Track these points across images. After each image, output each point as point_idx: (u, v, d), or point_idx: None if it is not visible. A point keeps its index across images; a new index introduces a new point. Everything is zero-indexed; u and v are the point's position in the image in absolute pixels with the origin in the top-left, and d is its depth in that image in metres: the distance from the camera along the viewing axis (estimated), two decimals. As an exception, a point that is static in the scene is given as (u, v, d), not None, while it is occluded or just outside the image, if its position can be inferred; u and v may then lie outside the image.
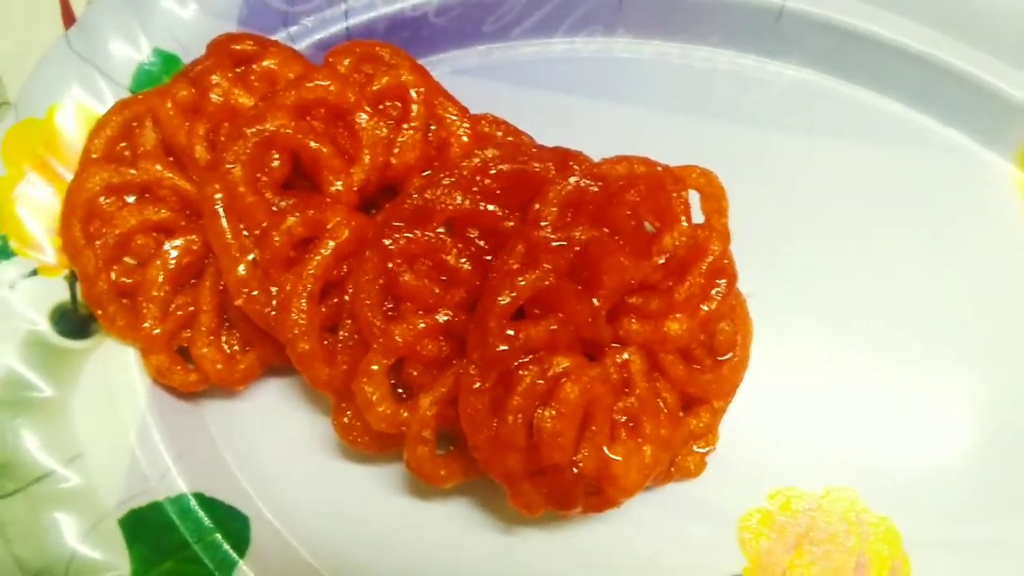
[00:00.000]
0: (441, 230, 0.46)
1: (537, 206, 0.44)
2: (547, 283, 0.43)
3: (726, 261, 0.48)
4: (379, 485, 0.50)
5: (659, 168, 0.47)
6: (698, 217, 0.49)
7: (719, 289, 0.48)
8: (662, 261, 0.46)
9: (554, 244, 0.43)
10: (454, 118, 0.50)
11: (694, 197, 0.49)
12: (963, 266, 0.55)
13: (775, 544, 0.49)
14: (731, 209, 0.50)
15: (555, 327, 0.44)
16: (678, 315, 0.47)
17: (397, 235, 0.45)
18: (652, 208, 0.47)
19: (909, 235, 0.56)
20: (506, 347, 0.43)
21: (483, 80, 0.57)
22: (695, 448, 0.49)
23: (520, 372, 0.43)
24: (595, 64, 0.58)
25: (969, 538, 0.50)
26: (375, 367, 0.45)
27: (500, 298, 0.43)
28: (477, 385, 0.43)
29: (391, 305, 0.46)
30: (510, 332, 0.43)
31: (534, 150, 0.48)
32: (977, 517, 0.50)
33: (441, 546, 0.49)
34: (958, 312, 0.54)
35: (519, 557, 0.49)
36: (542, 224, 0.44)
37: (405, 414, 0.45)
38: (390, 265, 0.45)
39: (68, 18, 0.58)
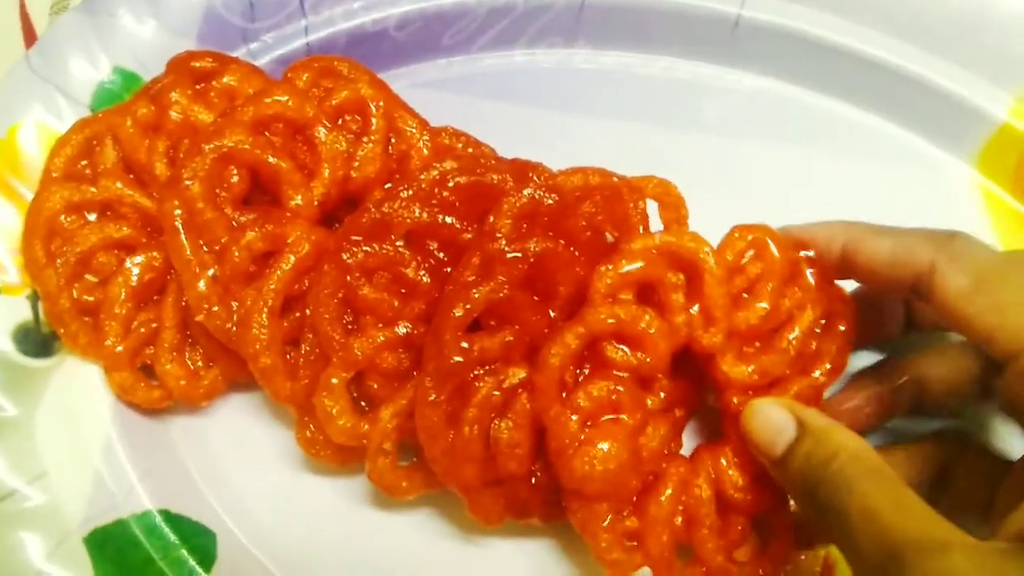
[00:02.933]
0: (400, 243, 0.46)
1: (492, 218, 0.44)
2: (502, 295, 0.43)
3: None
4: (345, 498, 0.50)
5: (615, 179, 0.48)
6: (657, 226, 0.49)
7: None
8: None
9: (508, 256, 0.44)
10: (414, 131, 0.50)
11: (653, 207, 0.49)
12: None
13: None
14: (692, 218, 0.50)
15: (510, 338, 0.44)
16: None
17: (355, 249, 0.45)
18: (610, 218, 0.48)
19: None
20: (461, 359, 0.43)
21: (444, 93, 0.58)
22: None
23: (476, 384, 0.44)
24: (556, 75, 0.59)
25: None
26: (335, 380, 0.45)
27: (454, 310, 0.43)
28: (432, 397, 0.43)
29: (351, 318, 0.46)
30: (465, 344, 0.43)
31: (493, 162, 0.48)
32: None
33: (407, 556, 0.49)
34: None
35: (483, 566, 0.49)
36: (497, 236, 0.44)
37: (366, 427, 0.46)
38: (348, 279, 0.45)
39: (30, 38, 0.59)
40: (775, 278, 0.47)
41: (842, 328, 0.48)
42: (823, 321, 0.47)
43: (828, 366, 0.48)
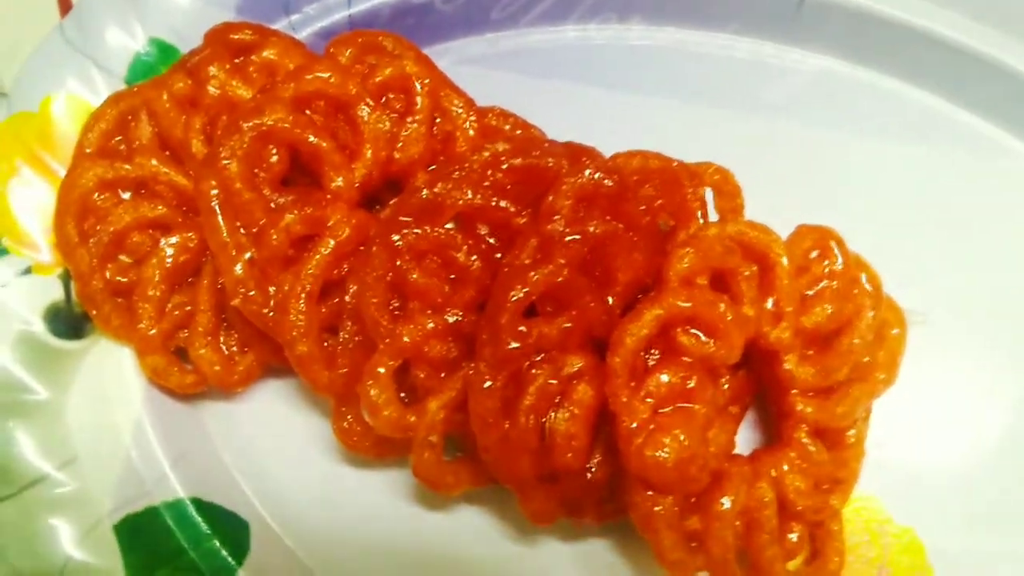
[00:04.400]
0: (450, 226, 0.44)
1: (550, 198, 0.42)
2: (560, 279, 0.41)
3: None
4: (383, 491, 0.48)
5: (674, 164, 0.45)
6: (712, 215, 0.47)
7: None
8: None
9: (568, 239, 0.41)
10: (460, 111, 0.48)
11: (709, 194, 0.47)
12: (996, 266, 0.53)
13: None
14: (749, 207, 0.48)
15: (569, 325, 0.42)
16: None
17: (405, 231, 0.43)
18: (667, 205, 0.45)
19: (940, 231, 0.53)
20: (518, 345, 0.41)
21: (491, 70, 0.55)
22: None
23: (532, 372, 0.42)
24: (608, 52, 0.56)
25: (994, 549, 0.48)
26: (381, 369, 0.43)
27: (512, 293, 0.41)
28: (488, 384, 0.41)
29: (397, 304, 0.44)
30: (522, 329, 0.41)
31: (545, 144, 0.46)
32: (1003, 528, 0.48)
33: (446, 555, 0.47)
34: (987, 314, 0.52)
35: (527, 568, 0.47)
36: (555, 218, 0.42)
37: (412, 418, 0.44)
38: (398, 262, 0.43)
39: (64, 6, 0.57)
40: (840, 280, 0.45)
41: (895, 333, 0.46)
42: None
43: (883, 376, 0.46)
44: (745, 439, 0.49)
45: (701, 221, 0.45)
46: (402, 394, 0.45)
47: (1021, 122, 0.54)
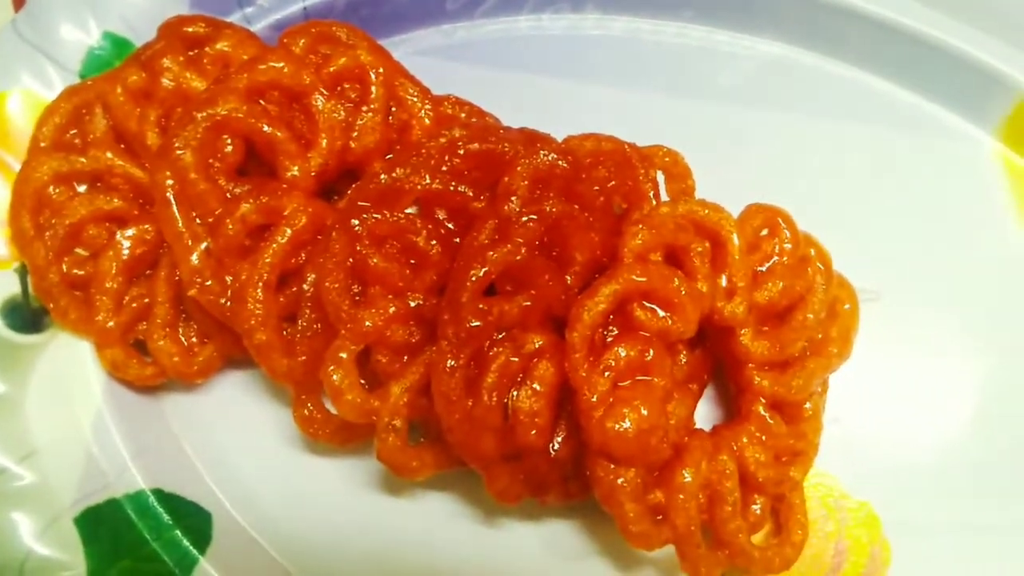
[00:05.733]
0: (410, 211, 0.44)
1: (506, 179, 0.43)
2: (518, 257, 0.41)
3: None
4: (345, 478, 0.49)
5: (626, 146, 0.46)
6: (664, 196, 0.47)
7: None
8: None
9: (524, 219, 0.42)
10: (415, 99, 0.49)
11: (661, 177, 0.48)
12: (946, 243, 0.54)
13: (752, 531, 0.48)
14: (700, 189, 0.48)
15: (528, 303, 0.42)
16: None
17: (365, 215, 0.43)
18: (620, 186, 0.46)
19: (889, 212, 0.54)
20: (479, 323, 0.41)
21: (446, 61, 0.56)
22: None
23: (494, 350, 0.42)
24: (563, 42, 0.57)
25: (950, 523, 0.49)
26: (343, 354, 0.43)
27: (472, 272, 0.41)
28: (450, 363, 0.41)
29: (358, 289, 0.44)
30: (482, 307, 0.41)
31: (501, 131, 0.47)
32: (957, 502, 0.49)
33: (411, 539, 0.48)
34: (939, 291, 0.53)
35: (492, 550, 0.47)
36: (511, 199, 0.42)
37: (375, 403, 0.44)
38: (358, 247, 0.43)
39: (18, 2, 0.57)
40: (790, 257, 0.46)
41: (847, 308, 0.47)
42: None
43: (836, 350, 0.47)
44: (705, 416, 0.49)
45: (654, 202, 0.46)
46: (362, 381, 0.45)
47: (967, 103, 0.56)
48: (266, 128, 0.45)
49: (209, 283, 0.44)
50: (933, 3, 0.55)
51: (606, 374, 0.42)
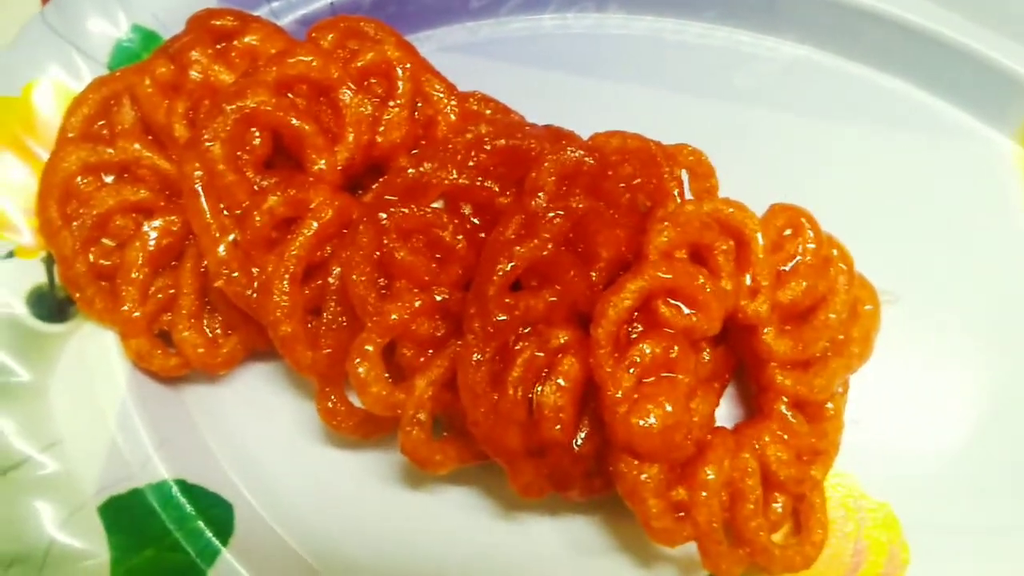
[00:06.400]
0: (436, 205, 0.44)
1: (533, 175, 0.43)
2: (545, 253, 0.42)
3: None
4: (367, 471, 0.49)
5: (651, 144, 0.46)
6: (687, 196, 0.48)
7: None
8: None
9: (551, 215, 0.42)
10: (441, 95, 0.49)
11: (685, 176, 0.48)
12: (965, 247, 0.54)
13: (772, 530, 0.48)
14: (722, 189, 0.49)
15: (553, 298, 0.42)
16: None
17: (392, 209, 0.43)
18: (645, 184, 0.46)
19: (909, 215, 0.54)
20: (505, 317, 0.41)
21: (471, 57, 0.56)
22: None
23: (519, 345, 0.42)
24: (587, 41, 0.57)
25: (969, 524, 0.49)
26: (369, 347, 0.43)
27: (499, 267, 0.41)
28: (476, 357, 0.41)
29: (384, 283, 0.44)
30: (509, 301, 0.41)
31: (527, 128, 0.47)
32: (977, 503, 0.49)
33: (432, 533, 0.48)
34: (958, 294, 0.53)
35: (515, 545, 0.48)
36: (538, 194, 0.42)
37: (400, 396, 0.44)
38: (384, 241, 0.43)
39: (46, -6, 0.57)
40: (813, 257, 0.46)
41: (868, 309, 0.48)
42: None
43: (858, 351, 0.47)
44: (727, 415, 0.50)
45: (678, 200, 0.46)
46: (386, 375, 0.45)
47: (988, 107, 0.56)
48: (294, 121, 0.46)
49: (236, 275, 0.45)
50: (954, 6, 0.55)
51: (631, 370, 0.42)
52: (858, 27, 0.56)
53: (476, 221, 0.45)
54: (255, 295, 0.45)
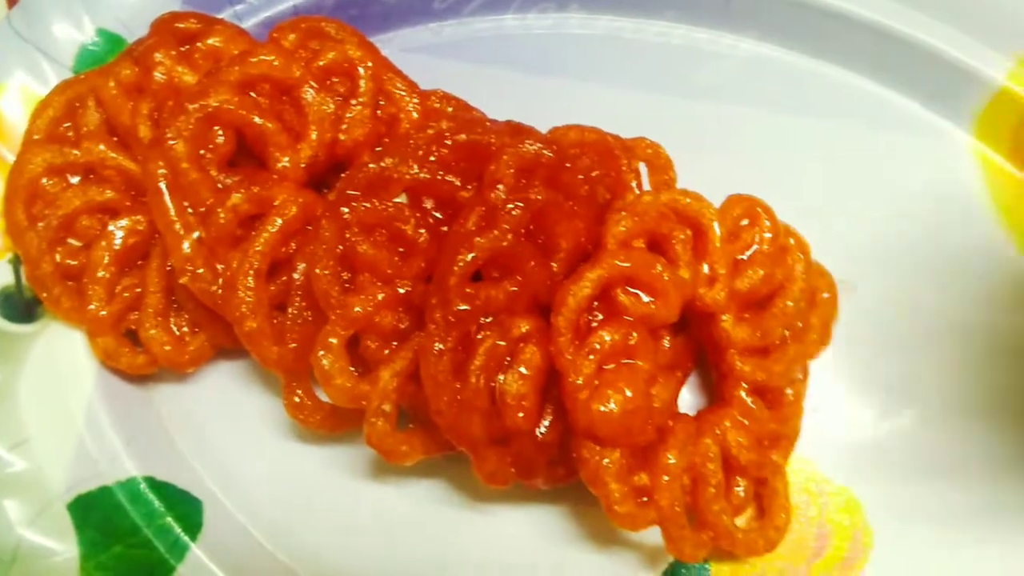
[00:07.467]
0: (398, 200, 0.45)
1: (493, 168, 0.44)
2: (505, 243, 0.42)
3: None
4: (335, 465, 0.49)
5: (609, 137, 0.47)
6: (646, 188, 0.48)
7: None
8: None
9: (510, 206, 0.43)
10: (403, 93, 0.50)
11: (644, 170, 0.49)
12: (921, 236, 0.55)
13: (735, 516, 0.49)
14: (682, 183, 0.49)
15: (514, 288, 0.43)
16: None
17: (354, 204, 0.44)
18: (603, 176, 0.47)
19: (867, 206, 0.55)
20: (466, 306, 0.42)
21: (434, 58, 0.57)
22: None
23: (481, 334, 0.43)
24: (548, 40, 0.58)
25: (930, 506, 0.49)
26: (333, 339, 0.44)
27: (459, 257, 0.42)
28: (438, 346, 0.42)
29: (347, 276, 0.45)
30: (470, 291, 0.42)
31: (487, 123, 0.48)
32: (936, 486, 0.50)
33: (401, 524, 0.48)
34: (915, 282, 0.54)
35: (481, 533, 0.48)
36: (498, 187, 0.43)
37: (365, 387, 0.45)
38: (347, 235, 0.44)
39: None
40: (770, 245, 0.47)
41: (826, 297, 0.49)
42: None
43: (816, 337, 0.48)
44: (691, 404, 0.50)
45: (636, 191, 0.47)
46: (351, 368, 0.46)
47: (941, 99, 0.57)
48: (257, 120, 0.46)
49: (200, 271, 0.45)
50: (910, 2, 0.56)
51: (591, 357, 0.43)
52: (813, 23, 0.57)
53: (438, 215, 0.46)
54: (220, 291, 0.45)
